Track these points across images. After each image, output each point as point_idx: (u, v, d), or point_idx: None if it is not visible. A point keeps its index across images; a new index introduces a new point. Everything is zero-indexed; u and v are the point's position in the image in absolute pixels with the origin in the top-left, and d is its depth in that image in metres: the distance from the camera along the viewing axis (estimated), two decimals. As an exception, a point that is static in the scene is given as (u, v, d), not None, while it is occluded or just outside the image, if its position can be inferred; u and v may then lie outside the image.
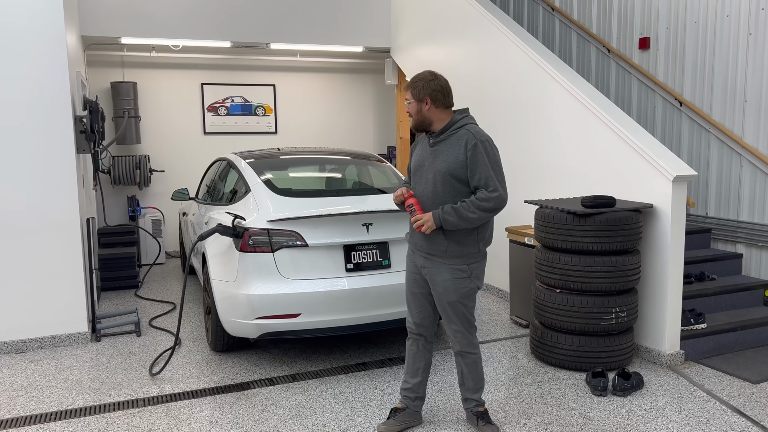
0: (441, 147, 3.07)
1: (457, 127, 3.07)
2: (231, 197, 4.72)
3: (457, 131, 3.06)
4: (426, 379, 3.32)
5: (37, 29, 4.45)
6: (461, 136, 3.04)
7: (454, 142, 3.04)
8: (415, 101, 3.10)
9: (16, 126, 4.44)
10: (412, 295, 3.25)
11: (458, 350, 3.19)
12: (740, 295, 4.76)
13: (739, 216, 5.16)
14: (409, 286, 3.27)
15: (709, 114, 5.40)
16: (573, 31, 6.98)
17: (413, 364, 3.29)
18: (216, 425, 3.36)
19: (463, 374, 3.24)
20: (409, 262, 3.26)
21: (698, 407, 3.52)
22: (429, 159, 3.09)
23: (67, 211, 4.61)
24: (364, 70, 9.19)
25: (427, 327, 3.25)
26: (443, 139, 3.08)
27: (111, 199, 8.00)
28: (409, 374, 3.31)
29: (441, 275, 3.07)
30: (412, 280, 3.23)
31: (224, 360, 4.35)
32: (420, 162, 3.15)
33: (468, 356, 3.19)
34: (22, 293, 4.56)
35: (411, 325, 3.28)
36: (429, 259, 3.10)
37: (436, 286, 3.10)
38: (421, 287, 3.20)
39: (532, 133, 5.32)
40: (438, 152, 3.07)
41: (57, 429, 3.36)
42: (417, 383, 3.29)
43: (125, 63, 7.98)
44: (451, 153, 3.02)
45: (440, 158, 3.04)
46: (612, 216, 3.89)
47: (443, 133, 3.09)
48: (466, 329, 3.14)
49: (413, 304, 3.25)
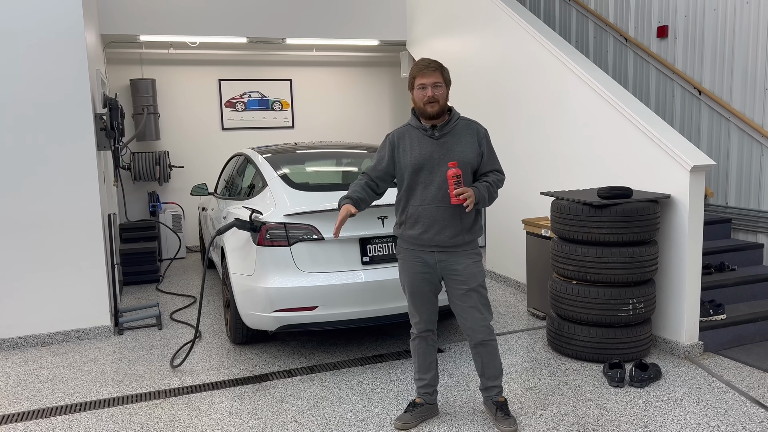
0: (450, 139, 3.03)
1: (457, 118, 3.07)
2: (249, 192, 4.78)
3: (457, 122, 3.06)
4: (437, 369, 3.35)
5: (57, 28, 4.53)
6: (466, 127, 3.06)
7: (463, 133, 3.04)
8: (445, 86, 2.99)
9: (37, 124, 4.53)
10: (421, 294, 3.15)
11: (480, 340, 3.12)
12: (761, 285, 4.70)
13: (760, 206, 5.09)
14: (416, 287, 3.14)
15: (729, 102, 5.32)
16: (590, 20, 6.91)
17: (425, 361, 3.28)
18: (235, 416, 3.42)
19: (483, 364, 3.19)
20: (413, 263, 3.13)
21: (716, 398, 3.50)
22: (437, 152, 3.00)
23: (89, 207, 4.70)
24: (379, 63, 9.20)
25: (434, 322, 3.24)
26: (449, 131, 3.04)
27: (132, 195, 8.13)
28: (422, 371, 3.29)
29: (462, 262, 3.06)
30: (420, 279, 3.13)
31: (243, 352, 4.41)
32: (425, 156, 3.01)
33: (488, 344, 3.15)
34: (46, 288, 4.67)
35: (419, 325, 3.22)
36: (445, 252, 3.07)
37: (459, 275, 3.06)
38: (430, 283, 3.14)
39: (548, 125, 5.29)
40: (448, 144, 3.01)
41: (82, 420, 3.45)
42: (432, 376, 3.30)
43: (144, 60, 8.08)
44: (466, 143, 3.03)
45: (455, 149, 3.01)
46: (629, 207, 3.87)
47: (449, 124, 3.04)
48: (488, 314, 3.13)
49: (422, 304, 3.17)
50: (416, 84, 2.99)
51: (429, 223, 3.04)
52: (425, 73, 2.96)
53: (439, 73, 2.96)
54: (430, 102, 2.95)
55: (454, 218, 3.02)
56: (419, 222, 3.05)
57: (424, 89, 2.96)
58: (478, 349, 3.17)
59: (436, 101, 2.95)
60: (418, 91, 2.99)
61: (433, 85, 2.95)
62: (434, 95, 2.94)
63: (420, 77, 2.97)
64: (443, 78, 2.98)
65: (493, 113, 6.06)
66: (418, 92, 2.99)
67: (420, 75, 2.97)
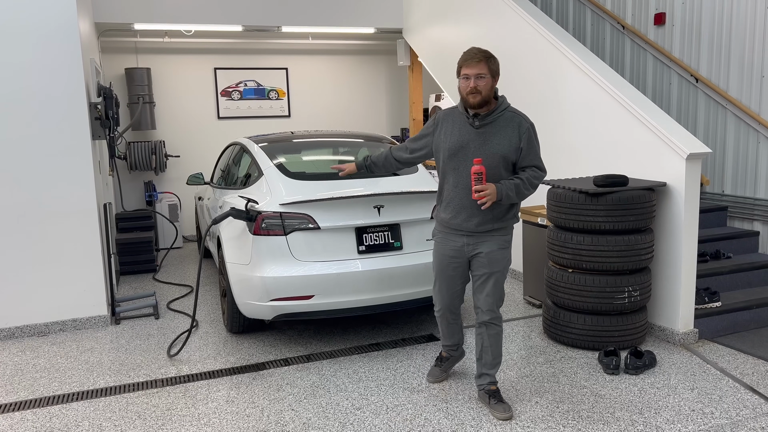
0: (490, 129, 3.06)
1: (503, 109, 3.07)
2: (244, 181, 4.77)
3: (502, 113, 3.06)
4: (462, 334, 3.62)
5: (50, 17, 4.49)
6: (509, 119, 3.06)
7: (504, 125, 3.05)
8: (490, 77, 2.99)
9: (31, 114, 4.51)
10: (448, 278, 3.30)
11: (487, 320, 3.22)
12: (757, 273, 4.72)
13: (756, 193, 5.10)
14: (443, 269, 3.28)
15: (726, 90, 5.31)
16: (587, 7, 6.88)
17: (448, 331, 3.55)
18: (232, 404, 3.44)
19: (483, 348, 3.28)
20: (443, 245, 3.26)
21: (711, 385, 3.52)
22: (475, 140, 3.06)
23: (85, 196, 4.69)
24: (376, 51, 9.15)
25: (456, 307, 3.45)
26: (490, 121, 3.06)
27: (128, 185, 8.10)
28: (446, 337, 3.59)
29: (488, 247, 3.15)
30: (447, 263, 3.26)
31: (240, 341, 4.42)
32: (462, 143, 3.08)
33: (494, 327, 3.24)
34: (43, 278, 4.66)
35: (440, 304, 3.42)
36: (473, 236, 3.16)
37: (482, 258, 3.16)
38: (457, 267, 3.26)
39: (544, 112, 5.28)
40: (488, 134, 3.05)
41: (79, 409, 3.46)
42: (456, 339, 3.60)
43: (139, 49, 8.03)
44: (505, 136, 3.04)
45: (493, 141, 3.04)
46: (624, 195, 3.87)
47: (491, 114, 3.06)
48: (499, 299, 3.23)
49: (446, 289, 3.34)
50: (461, 73, 3.03)
51: (459, 208, 3.13)
52: (470, 63, 2.98)
53: (485, 63, 2.97)
54: (472, 93, 2.99)
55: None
56: (450, 206, 3.17)
57: (468, 79, 2.99)
58: (481, 329, 3.27)
59: (478, 92, 2.98)
60: (463, 81, 3.03)
61: (477, 75, 2.97)
62: (477, 86, 2.97)
63: (465, 67, 3.00)
64: (489, 69, 2.98)
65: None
66: (463, 82, 3.03)
67: (466, 65, 3.00)
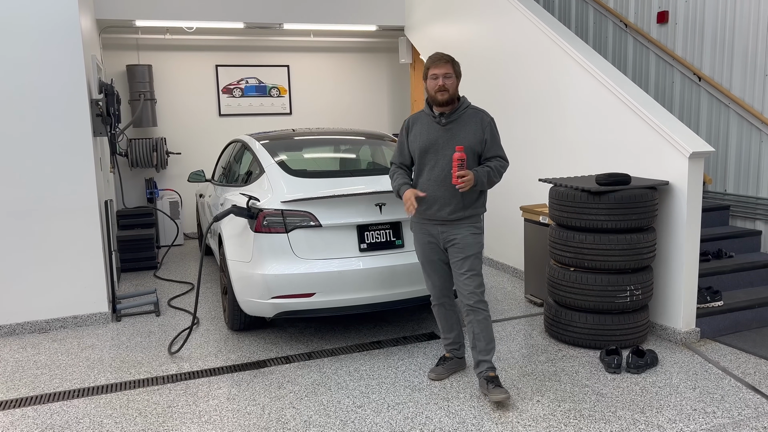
0: (456, 126, 3.37)
1: (465, 107, 3.39)
2: (246, 178, 4.76)
3: (465, 110, 3.38)
4: (461, 329, 3.74)
5: (52, 14, 4.48)
6: (472, 115, 3.39)
7: (468, 121, 3.37)
8: (455, 77, 3.32)
9: (32, 110, 4.50)
10: (430, 263, 3.53)
11: (471, 303, 3.37)
12: (759, 272, 4.71)
13: (758, 193, 5.08)
14: (426, 255, 3.52)
15: (729, 89, 5.30)
16: (590, 5, 6.86)
17: (446, 323, 3.69)
18: (233, 401, 3.43)
19: (475, 336, 3.40)
20: (421, 234, 3.51)
21: (713, 384, 3.51)
22: (443, 137, 3.35)
23: (86, 193, 4.68)
24: (377, 49, 9.14)
25: (448, 290, 3.61)
26: (455, 118, 3.36)
27: (129, 182, 8.10)
28: (445, 331, 3.71)
29: (461, 233, 3.37)
30: (428, 249, 3.50)
31: (241, 339, 4.42)
32: (432, 140, 3.37)
33: (480, 312, 3.38)
34: (44, 275, 4.66)
35: (434, 293, 3.61)
36: (447, 224, 3.39)
37: (457, 243, 3.37)
38: (438, 253, 3.49)
39: (547, 111, 5.26)
40: (454, 130, 3.35)
41: (80, 406, 3.45)
42: (455, 335, 3.72)
43: (140, 46, 8.01)
44: (470, 131, 3.35)
45: (460, 136, 3.34)
46: (627, 194, 3.86)
47: (455, 112, 3.36)
48: (479, 283, 3.39)
49: (432, 272, 3.55)
50: (429, 74, 3.34)
51: (432, 200, 3.38)
52: (437, 64, 3.31)
53: (450, 65, 3.30)
54: (441, 90, 3.30)
55: (454, 197, 3.34)
56: (425, 199, 3.40)
57: (436, 79, 3.30)
58: (470, 316, 3.40)
59: (446, 90, 3.29)
60: (431, 81, 3.33)
61: (444, 75, 3.29)
62: (444, 84, 3.29)
63: (433, 68, 3.32)
64: (454, 70, 3.31)
65: (491, 100, 6.03)
66: (431, 81, 3.33)
67: (433, 66, 3.32)
